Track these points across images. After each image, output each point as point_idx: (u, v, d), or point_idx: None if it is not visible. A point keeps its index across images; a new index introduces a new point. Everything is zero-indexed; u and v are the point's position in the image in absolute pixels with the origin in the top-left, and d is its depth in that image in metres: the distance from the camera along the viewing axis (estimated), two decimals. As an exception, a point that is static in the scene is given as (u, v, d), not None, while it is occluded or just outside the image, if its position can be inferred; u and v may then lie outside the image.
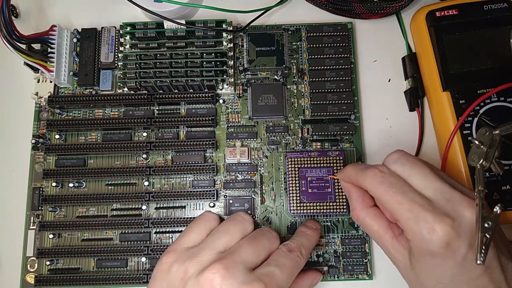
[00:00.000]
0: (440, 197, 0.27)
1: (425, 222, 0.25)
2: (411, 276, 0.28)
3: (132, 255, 0.35)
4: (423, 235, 0.26)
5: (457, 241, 0.25)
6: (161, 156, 0.37)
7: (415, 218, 0.26)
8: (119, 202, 0.36)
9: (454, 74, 0.35)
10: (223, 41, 0.37)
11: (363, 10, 0.38)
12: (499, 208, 0.26)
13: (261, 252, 0.29)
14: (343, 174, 0.32)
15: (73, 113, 0.38)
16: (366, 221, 0.30)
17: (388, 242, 0.28)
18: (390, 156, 0.29)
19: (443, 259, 0.26)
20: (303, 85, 0.38)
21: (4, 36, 0.33)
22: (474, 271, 0.26)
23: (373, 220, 0.29)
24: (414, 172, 0.28)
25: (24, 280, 0.35)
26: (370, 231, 0.30)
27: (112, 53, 0.38)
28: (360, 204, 0.30)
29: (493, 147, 0.29)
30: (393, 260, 0.29)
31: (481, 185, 0.27)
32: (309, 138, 0.37)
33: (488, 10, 0.35)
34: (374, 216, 0.29)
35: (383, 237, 0.29)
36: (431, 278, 0.27)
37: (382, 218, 0.29)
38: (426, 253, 0.26)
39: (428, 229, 0.25)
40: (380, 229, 0.29)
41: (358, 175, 0.29)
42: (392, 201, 0.27)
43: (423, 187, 0.27)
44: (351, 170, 0.31)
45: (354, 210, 0.31)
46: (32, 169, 0.37)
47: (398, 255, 0.28)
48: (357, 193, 0.31)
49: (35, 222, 0.36)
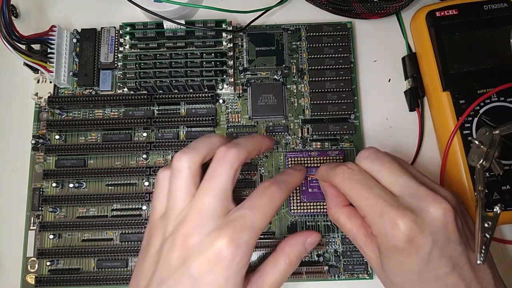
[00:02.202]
0: (405, 192, 0.27)
1: (389, 217, 0.26)
2: (382, 274, 0.28)
3: (132, 255, 0.35)
4: (387, 230, 0.26)
5: (420, 237, 0.25)
6: (161, 156, 0.37)
7: (379, 213, 0.26)
8: (119, 203, 0.36)
9: (454, 74, 0.35)
10: (222, 41, 0.37)
11: (363, 10, 0.38)
12: (499, 208, 0.26)
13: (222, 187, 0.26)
14: (317, 173, 0.32)
15: (73, 113, 0.38)
16: (340, 219, 0.30)
17: (361, 240, 0.29)
18: (361, 153, 0.29)
19: (408, 255, 0.26)
20: (303, 84, 0.38)
21: (4, 36, 0.33)
22: (441, 268, 0.26)
23: (346, 219, 0.30)
24: (382, 168, 0.28)
25: (24, 280, 0.35)
26: (345, 230, 0.30)
27: (112, 53, 0.38)
28: (335, 202, 0.31)
29: (493, 147, 0.29)
30: (367, 258, 0.29)
31: (481, 185, 0.27)
32: (309, 138, 0.37)
33: (488, 10, 0.35)
34: (347, 214, 0.30)
35: (356, 235, 0.29)
36: (399, 275, 0.27)
37: (356, 217, 0.29)
38: (392, 249, 0.26)
39: (391, 224, 0.25)
40: (353, 228, 0.29)
41: (329, 173, 0.30)
42: (358, 197, 0.27)
43: (390, 183, 0.27)
44: (323, 169, 0.31)
45: (329, 208, 0.31)
46: (32, 169, 0.37)
47: (370, 253, 0.29)
48: (332, 192, 0.31)
49: (35, 222, 0.36)
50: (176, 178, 0.26)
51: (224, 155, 0.26)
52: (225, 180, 0.26)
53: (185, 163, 0.26)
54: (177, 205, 0.26)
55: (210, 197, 0.25)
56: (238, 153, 0.27)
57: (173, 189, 0.26)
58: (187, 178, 0.26)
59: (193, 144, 0.28)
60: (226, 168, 0.26)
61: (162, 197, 0.27)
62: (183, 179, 0.26)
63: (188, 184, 0.26)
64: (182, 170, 0.26)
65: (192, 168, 0.26)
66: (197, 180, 0.27)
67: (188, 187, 0.26)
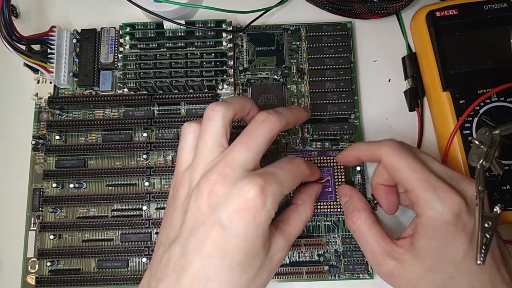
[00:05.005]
0: (444, 175, 0.28)
1: (442, 191, 0.26)
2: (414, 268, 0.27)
3: (132, 256, 0.35)
4: (438, 204, 0.26)
5: (467, 213, 0.26)
6: (162, 157, 0.37)
7: (432, 186, 0.27)
8: (120, 203, 0.36)
9: (454, 74, 0.35)
10: (223, 41, 0.37)
11: (363, 10, 0.38)
12: (499, 208, 0.26)
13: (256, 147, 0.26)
14: (351, 150, 0.32)
15: (73, 113, 0.38)
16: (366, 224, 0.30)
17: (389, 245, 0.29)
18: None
19: (455, 231, 0.26)
20: (303, 84, 0.38)
21: (4, 37, 0.33)
22: None
23: (373, 222, 0.30)
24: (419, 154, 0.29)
25: (25, 281, 0.35)
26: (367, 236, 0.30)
27: (112, 53, 0.38)
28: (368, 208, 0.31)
29: (493, 147, 0.30)
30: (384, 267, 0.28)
31: (481, 185, 0.27)
32: (309, 138, 0.37)
33: (488, 10, 0.35)
34: (373, 219, 0.30)
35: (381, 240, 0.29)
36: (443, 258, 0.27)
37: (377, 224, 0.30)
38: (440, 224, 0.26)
39: (444, 198, 0.26)
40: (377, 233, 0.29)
41: (372, 146, 0.30)
42: (410, 170, 0.27)
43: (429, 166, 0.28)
44: (359, 145, 0.32)
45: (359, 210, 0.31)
46: (33, 170, 0.37)
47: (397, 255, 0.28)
48: (360, 197, 0.32)
49: (36, 223, 0.36)
50: (208, 127, 0.26)
51: (265, 118, 0.27)
52: (261, 142, 0.26)
53: (219, 113, 0.26)
54: (206, 154, 0.26)
55: (242, 152, 0.25)
56: (279, 120, 0.27)
57: (204, 137, 0.26)
58: (219, 128, 0.26)
59: (227, 99, 0.28)
60: (264, 130, 0.26)
61: (187, 149, 0.28)
62: (216, 128, 0.26)
63: (220, 133, 0.26)
64: (215, 119, 0.26)
65: (226, 119, 0.27)
66: (228, 133, 0.27)
67: (219, 137, 0.26)
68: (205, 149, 0.26)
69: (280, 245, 0.27)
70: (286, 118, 0.28)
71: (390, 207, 0.32)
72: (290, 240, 0.28)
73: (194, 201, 0.25)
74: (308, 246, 0.34)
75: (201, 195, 0.25)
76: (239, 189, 0.24)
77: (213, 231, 0.24)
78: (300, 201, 0.30)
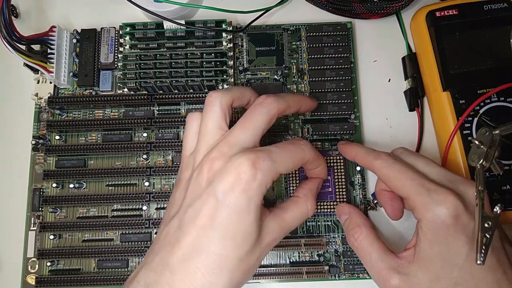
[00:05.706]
0: (443, 179, 0.28)
1: (437, 193, 0.27)
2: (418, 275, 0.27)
3: (133, 256, 0.35)
4: (434, 206, 0.26)
5: (466, 215, 0.26)
6: (162, 157, 0.37)
7: (427, 190, 0.27)
8: (120, 203, 0.36)
9: (454, 74, 0.35)
10: (223, 41, 0.37)
11: (363, 10, 0.38)
12: (499, 208, 0.26)
13: (254, 127, 0.27)
14: (351, 148, 0.33)
15: (73, 113, 0.38)
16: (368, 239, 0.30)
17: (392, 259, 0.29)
18: (394, 151, 0.31)
19: (455, 233, 0.26)
20: (303, 84, 0.38)
21: (4, 37, 0.33)
22: None
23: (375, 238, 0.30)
24: (417, 161, 0.30)
25: (25, 281, 0.35)
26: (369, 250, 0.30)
27: (112, 53, 0.38)
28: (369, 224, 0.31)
29: (493, 147, 0.30)
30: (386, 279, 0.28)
31: (481, 185, 0.27)
32: (309, 138, 0.37)
33: (488, 10, 0.35)
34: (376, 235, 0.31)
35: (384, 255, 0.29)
36: (446, 263, 0.26)
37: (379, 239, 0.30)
38: (440, 227, 0.26)
39: (440, 200, 0.26)
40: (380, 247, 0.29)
41: (368, 157, 0.31)
42: (403, 179, 0.28)
43: (427, 172, 0.29)
44: (361, 149, 0.32)
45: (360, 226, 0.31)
46: (33, 170, 0.37)
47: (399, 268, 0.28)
48: (360, 213, 0.32)
49: (36, 223, 0.36)
50: (208, 112, 0.28)
51: (263, 101, 0.28)
52: (259, 123, 0.27)
53: (217, 98, 0.28)
54: (208, 137, 0.28)
55: (241, 132, 0.27)
56: (277, 101, 0.28)
57: (205, 122, 0.28)
58: (218, 112, 0.28)
59: (226, 88, 0.29)
60: (262, 111, 0.28)
61: (192, 135, 0.29)
62: (215, 112, 0.28)
63: (220, 117, 0.28)
64: (214, 104, 0.28)
65: (223, 104, 0.28)
66: (228, 118, 0.28)
67: (219, 120, 0.28)
68: (206, 132, 0.28)
69: (271, 227, 0.27)
70: (286, 100, 0.29)
71: (394, 212, 0.32)
72: (283, 227, 0.28)
73: (195, 179, 0.26)
74: (308, 246, 0.34)
75: (201, 173, 0.26)
76: (233, 163, 0.25)
77: (208, 203, 0.25)
78: (301, 195, 0.31)
